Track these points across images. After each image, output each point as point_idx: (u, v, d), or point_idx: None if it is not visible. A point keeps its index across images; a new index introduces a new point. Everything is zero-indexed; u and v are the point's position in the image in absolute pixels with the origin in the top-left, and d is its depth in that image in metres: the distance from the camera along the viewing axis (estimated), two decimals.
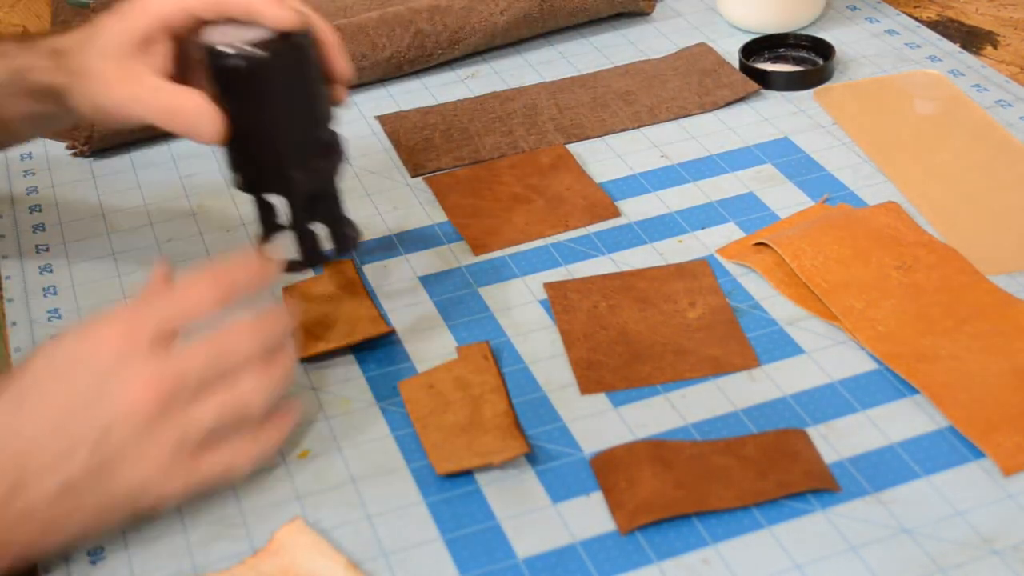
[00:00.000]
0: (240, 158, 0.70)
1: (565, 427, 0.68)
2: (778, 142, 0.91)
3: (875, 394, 0.69)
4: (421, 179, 0.90)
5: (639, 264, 0.80)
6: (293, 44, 0.67)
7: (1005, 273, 0.77)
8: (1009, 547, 0.60)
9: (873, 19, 1.07)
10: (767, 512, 0.63)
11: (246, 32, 0.67)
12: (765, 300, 0.76)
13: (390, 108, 0.99)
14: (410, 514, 0.64)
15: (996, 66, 0.99)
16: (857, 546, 0.60)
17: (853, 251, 0.77)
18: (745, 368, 0.71)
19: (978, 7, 1.09)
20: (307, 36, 0.68)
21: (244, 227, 0.87)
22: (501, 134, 0.94)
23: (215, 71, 0.67)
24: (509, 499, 0.64)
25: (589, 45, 1.06)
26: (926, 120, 0.94)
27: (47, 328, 0.78)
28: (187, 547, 0.63)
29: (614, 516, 0.63)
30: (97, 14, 1.11)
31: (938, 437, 0.66)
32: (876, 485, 0.64)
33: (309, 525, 0.63)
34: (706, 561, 0.60)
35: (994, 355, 0.70)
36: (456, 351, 0.74)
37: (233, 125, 0.68)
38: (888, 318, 0.73)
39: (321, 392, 0.72)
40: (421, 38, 1.01)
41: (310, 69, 0.69)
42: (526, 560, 0.61)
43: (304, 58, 0.68)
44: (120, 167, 0.95)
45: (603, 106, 0.97)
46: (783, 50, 1.02)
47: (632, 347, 0.73)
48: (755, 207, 0.85)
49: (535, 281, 0.79)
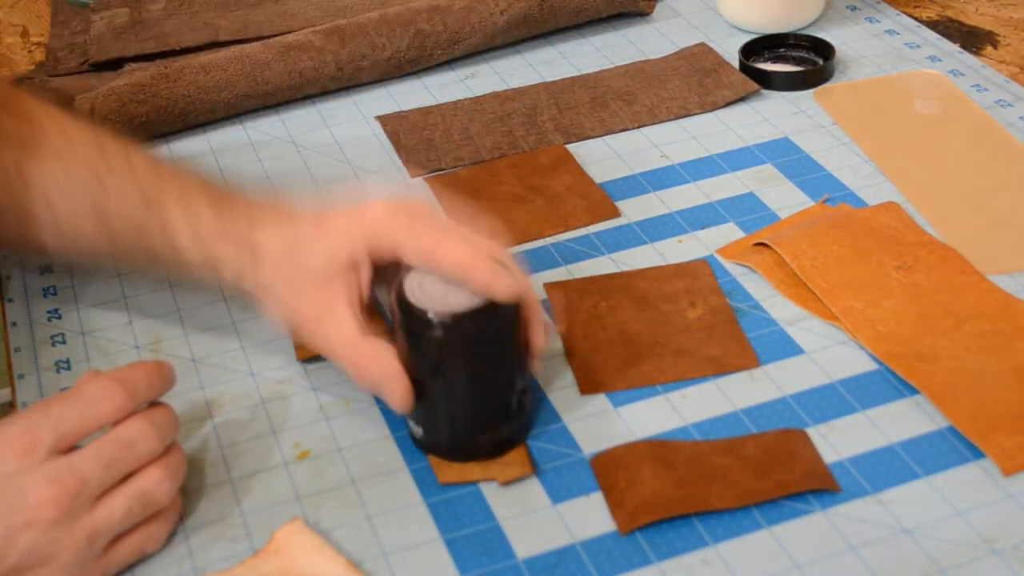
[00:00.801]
0: (425, 416, 0.66)
1: (565, 427, 0.68)
2: (778, 142, 0.91)
3: (875, 394, 0.69)
4: (421, 179, 0.90)
5: (639, 264, 0.80)
6: (500, 316, 0.63)
7: (1005, 273, 0.77)
8: (1009, 547, 0.60)
9: (873, 19, 1.07)
10: (767, 512, 0.63)
11: (451, 294, 0.63)
12: (765, 300, 0.76)
13: (390, 108, 0.99)
14: (410, 514, 0.64)
15: (996, 66, 0.99)
16: (857, 546, 0.60)
17: (853, 251, 0.77)
18: (745, 368, 0.71)
19: (978, 7, 1.09)
20: (515, 308, 0.64)
21: None
22: (501, 134, 0.94)
23: (411, 329, 0.63)
24: (509, 499, 0.64)
25: (589, 45, 1.06)
26: (926, 120, 0.94)
27: (47, 328, 0.78)
28: (187, 547, 0.63)
29: (614, 516, 0.63)
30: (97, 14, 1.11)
31: (938, 437, 0.66)
32: (876, 485, 0.64)
33: (309, 525, 0.63)
34: (706, 561, 0.60)
35: (994, 355, 0.70)
36: None
37: (420, 383, 0.64)
38: (888, 318, 0.73)
39: (321, 392, 0.72)
40: (421, 38, 1.01)
41: (510, 339, 0.65)
42: (526, 560, 0.61)
43: (507, 329, 0.64)
44: None
45: (603, 106, 0.97)
46: (783, 50, 1.02)
47: (632, 347, 0.73)
48: (755, 207, 0.85)
49: (535, 281, 0.79)
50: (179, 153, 0.95)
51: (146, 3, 1.13)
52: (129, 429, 0.60)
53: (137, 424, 0.61)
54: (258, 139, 0.97)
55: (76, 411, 0.60)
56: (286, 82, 0.98)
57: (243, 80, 0.97)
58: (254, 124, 0.98)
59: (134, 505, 0.60)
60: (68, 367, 0.75)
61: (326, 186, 0.90)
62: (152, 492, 0.61)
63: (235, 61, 0.97)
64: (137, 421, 0.61)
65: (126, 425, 0.60)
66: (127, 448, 0.60)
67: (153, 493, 0.61)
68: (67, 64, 1.07)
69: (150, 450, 0.61)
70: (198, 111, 0.96)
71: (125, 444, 0.60)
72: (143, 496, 0.60)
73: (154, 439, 0.61)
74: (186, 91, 0.95)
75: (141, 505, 0.60)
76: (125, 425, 0.60)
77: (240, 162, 0.94)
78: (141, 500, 0.60)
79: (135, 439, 0.60)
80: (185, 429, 0.70)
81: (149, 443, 0.61)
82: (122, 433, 0.60)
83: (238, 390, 0.73)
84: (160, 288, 0.81)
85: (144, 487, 0.60)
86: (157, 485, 0.61)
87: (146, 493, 0.60)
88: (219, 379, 0.74)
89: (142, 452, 0.60)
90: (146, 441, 0.61)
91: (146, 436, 0.61)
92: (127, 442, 0.60)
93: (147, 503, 0.61)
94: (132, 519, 0.60)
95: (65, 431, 0.59)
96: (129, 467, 0.60)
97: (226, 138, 0.97)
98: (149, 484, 0.61)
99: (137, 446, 0.60)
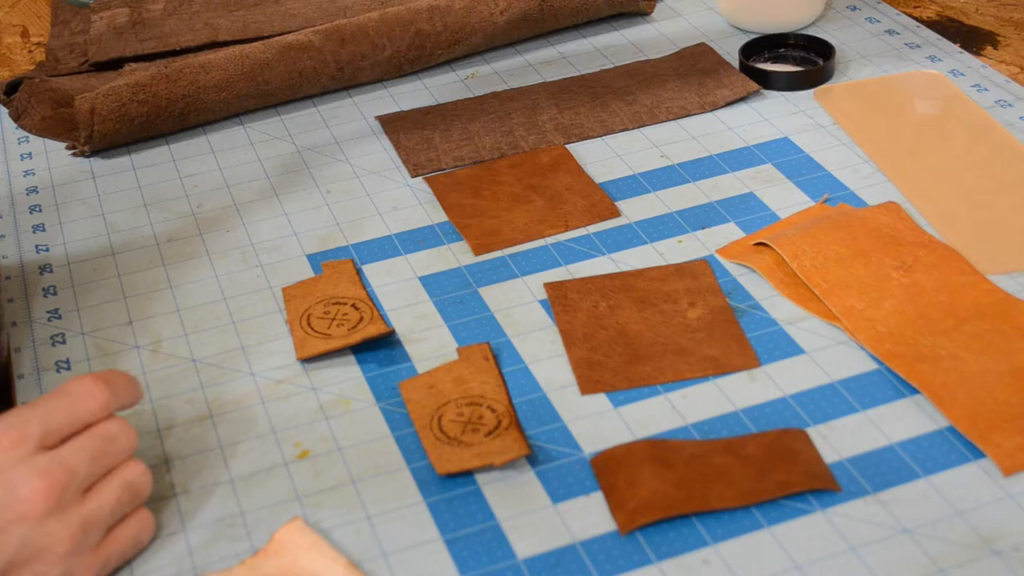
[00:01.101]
0: None
1: (565, 427, 0.68)
2: (778, 142, 0.91)
3: (875, 394, 0.69)
4: (421, 179, 0.90)
5: (639, 264, 0.80)
6: None
7: (1005, 273, 0.77)
8: (1009, 547, 0.60)
9: (873, 19, 1.07)
10: (767, 512, 0.63)
11: None
12: (765, 300, 0.76)
13: (390, 108, 0.99)
14: (410, 514, 0.64)
15: (996, 66, 0.99)
16: (857, 546, 0.60)
17: (853, 251, 0.77)
18: (745, 368, 0.71)
19: (978, 7, 1.09)
20: None
21: (244, 227, 0.87)
22: (501, 134, 0.94)
23: None
24: (509, 499, 0.64)
25: (589, 45, 1.06)
26: (926, 120, 0.94)
27: (47, 328, 0.78)
28: (187, 547, 0.63)
29: (614, 516, 0.63)
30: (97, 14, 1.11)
31: (938, 437, 0.66)
32: (876, 485, 0.64)
33: (309, 525, 0.63)
34: (706, 561, 0.60)
35: (994, 355, 0.70)
36: (457, 352, 0.74)
37: None
38: (888, 318, 0.73)
39: (321, 392, 0.72)
40: (421, 38, 1.01)
41: None
42: (526, 560, 0.61)
43: None
44: (120, 167, 0.95)
45: (603, 106, 0.97)
46: (783, 50, 1.02)
47: (632, 347, 0.73)
48: (755, 207, 0.85)
49: (535, 281, 0.79)
50: (179, 153, 0.95)
51: (146, 3, 1.13)
52: (111, 425, 0.62)
53: (117, 422, 0.62)
54: (258, 139, 0.97)
55: (62, 408, 0.61)
56: (286, 82, 0.98)
57: (243, 80, 0.97)
58: (254, 124, 0.98)
59: (122, 495, 0.61)
60: (68, 367, 0.75)
61: (326, 186, 0.90)
62: (137, 483, 0.62)
63: (235, 61, 0.97)
64: (116, 420, 0.62)
65: (107, 422, 0.62)
66: (110, 442, 0.61)
67: (138, 484, 0.62)
68: (67, 64, 1.07)
69: (130, 447, 0.62)
70: (198, 111, 0.96)
71: (108, 438, 0.61)
72: (130, 487, 0.62)
73: (133, 437, 0.63)
74: (186, 91, 0.95)
75: (129, 495, 0.62)
76: (106, 422, 0.62)
77: (240, 162, 0.94)
78: (129, 490, 0.62)
79: (116, 434, 0.62)
80: (185, 429, 0.70)
81: (129, 440, 0.62)
82: (104, 429, 0.61)
83: (238, 390, 0.73)
84: (160, 288, 0.81)
85: (129, 478, 0.62)
86: (141, 476, 0.62)
87: (132, 484, 0.62)
88: (219, 379, 0.74)
89: (123, 448, 0.62)
90: (127, 438, 0.62)
91: (127, 433, 0.62)
92: (110, 437, 0.61)
93: (134, 494, 0.62)
94: (122, 509, 0.61)
95: (51, 427, 0.60)
96: (112, 461, 0.61)
97: (226, 138, 0.97)
98: (133, 475, 0.62)
99: (119, 441, 0.62)
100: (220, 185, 0.91)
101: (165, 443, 0.69)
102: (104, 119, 0.94)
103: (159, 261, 0.84)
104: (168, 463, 0.68)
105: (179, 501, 0.66)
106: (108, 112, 0.93)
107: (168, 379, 0.74)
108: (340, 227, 0.86)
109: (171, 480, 0.67)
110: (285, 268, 0.82)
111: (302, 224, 0.86)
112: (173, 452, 0.69)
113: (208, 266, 0.83)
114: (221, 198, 0.90)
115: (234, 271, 0.82)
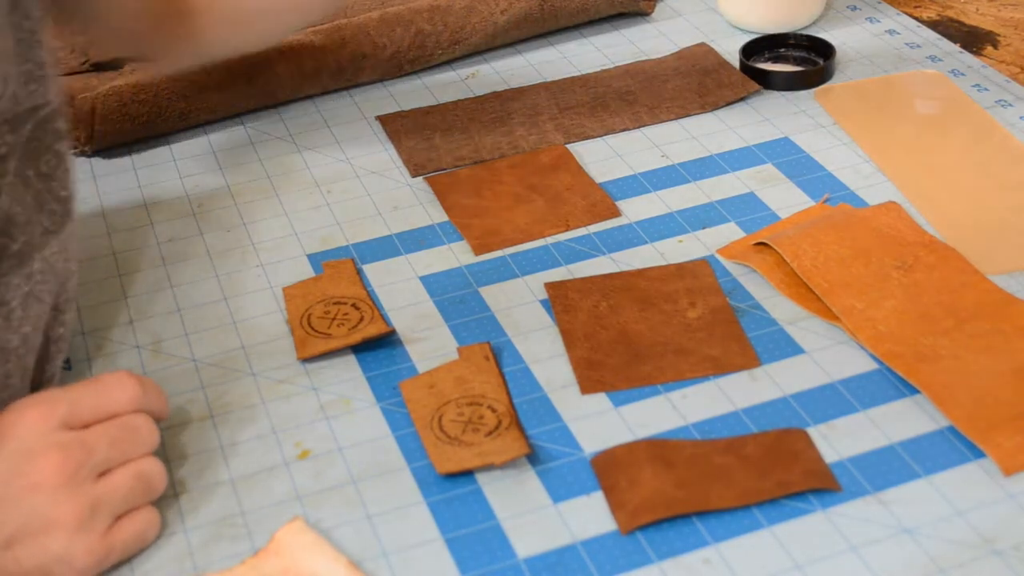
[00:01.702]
0: None
1: (565, 427, 0.68)
2: (778, 142, 0.91)
3: (875, 394, 0.69)
4: (421, 179, 0.90)
5: (639, 264, 0.80)
6: None
7: (1005, 273, 0.77)
8: (1009, 547, 0.60)
9: (873, 19, 1.07)
10: (767, 512, 0.63)
11: None
12: (765, 300, 0.76)
13: (390, 108, 0.99)
14: (410, 514, 0.64)
15: (996, 66, 0.99)
16: (857, 546, 0.60)
17: (853, 251, 0.77)
18: (745, 368, 0.71)
19: (978, 7, 1.09)
20: None
21: (244, 227, 0.87)
22: (501, 134, 0.94)
23: None
24: (509, 499, 0.64)
25: (589, 45, 1.06)
26: (926, 120, 0.94)
27: None
28: (187, 547, 0.63)
29: (615, 516, 0.63)
30: None
31: (938, 437, 0.66)
32: (876, 485, 0.64)
33: (309, 525, 0.63)
34: (707, 561, 0.60)
35: (994, 355, 0.70)
36: (457, 352, 0.74)
37: None
38: (888, 318, 0.73)
39: (321, 392, 0.72)
40: (422, 38, 1.01)
41: None
42: (526, 560, 0.61)
43: None
44: (120, 167, 0.95)
45: (603, 106, 0.97)
46: (783, 50, 1.02)
47: (632, 347, 0.73)
48: (755, 207, 0.85)
49: (535, 281, 0.79)
50: (179, 153, 0.95)
51: None
52: (136, 418, 0.63)
53: (142, 417, 0.63)
54: (258, 139, 0.97)
55: (92, 393, 0.62)
56: (286, 82, 0.98)
57: (243, 80, 0.97)
58: (254, 124, 0.98)
59: (136, 485, 0.62)
60: (68, 367, 0.75)
61: (326, 186, 0.90)
62: (152, 477, 0.63)
63: (235, 61, 0.97)
64: (142, 415, 0.63)
65: (133, 415, 0.63)
66: (132, 432, 0.62)
67: (153, 478, 0.63)
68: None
69: (152, 442, 0.63)
70: (198, 111, 0.96)
71: (131, 429, 0.62)
72: (144, 478, 0.62)
73: (156, 433, 0.64)
74: (186, 91, 0.95)
75: (142, 487, 0.62)
76: (132, 415, 0.63)
77: (240, 162, 0.94)
78: (142, 481, 0.62)
79: (140, 427, 0.63)
80: (185, 429, 0.70)
81: (152, 435, 0.63)
82: (129, 420, 0.63)
83: (238, 390, 0.73)
84: (160, 288, 0.81)
85: (144, 470, 0.62)
86: (157, 472, 0.63)
87: (147, 476, 0.62)
88: (219, 379, 0.74)
89: (144, 440, 0.63)
90: (150, 433, 0.63)
91: (150, 428, 0.63)
92: (133, 427, 0.63)
93: (147, 487, 0.63)
94: (133, 500, 0.62)
95: (78, 410, 0.61)
96: (132, 451, 0.62)
97: (226, 138, 0.97)
98: (149, 469, 0.63)
99: (141, 434, 0.63)
100: (220, 185, 0.91)
101: (166, 443, 0.69)
102: (105, 119, 0.94)
103: (159, 261, 0.84)
104: (168, 463, 0.68)
105: (180, 501, 0.66)
106: (109, 112, 0.93)
107: (168, 379, 0.74)
108: (340, 227, 0.86)
109: (171, 480, 0.67)
110: (285, 268, 0.82)
111: (302, 224, 0.86)
112: (173, 452, 0.69)
113: (208, 266, 0.83)
114: (221, 198, 0.90)
115: (234, 271, 0.82)
